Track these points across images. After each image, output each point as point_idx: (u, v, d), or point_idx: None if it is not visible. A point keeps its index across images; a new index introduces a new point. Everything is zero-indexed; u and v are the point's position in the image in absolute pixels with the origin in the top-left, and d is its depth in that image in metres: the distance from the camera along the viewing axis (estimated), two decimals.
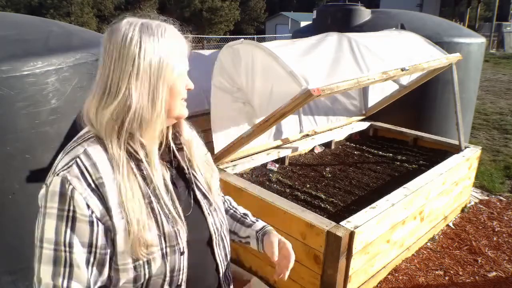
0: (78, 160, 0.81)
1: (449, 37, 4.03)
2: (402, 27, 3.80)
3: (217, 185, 1.08)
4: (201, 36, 25.51)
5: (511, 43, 18.81)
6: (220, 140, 2.71)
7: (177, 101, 0.90)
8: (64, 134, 1.75)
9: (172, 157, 0.97)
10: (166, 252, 0.87)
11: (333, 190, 2.85)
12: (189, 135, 1.02)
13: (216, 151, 2.70)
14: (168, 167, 0.96)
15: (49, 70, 1.71)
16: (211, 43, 26.59)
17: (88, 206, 0.79)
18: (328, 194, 2.77)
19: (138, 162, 0.86)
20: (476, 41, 4.20)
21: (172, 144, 0.97)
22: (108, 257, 0.83)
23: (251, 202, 2.49)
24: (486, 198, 3.85)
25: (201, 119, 3.66)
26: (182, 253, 0.90)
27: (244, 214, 1.27)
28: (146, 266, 0.85)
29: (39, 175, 1.74)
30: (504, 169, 4.59)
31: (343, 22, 4.35)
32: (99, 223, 0.81)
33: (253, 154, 3.12)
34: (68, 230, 0.79)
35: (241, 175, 2.89)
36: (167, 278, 0.88)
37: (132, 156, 0.86)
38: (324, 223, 2.12)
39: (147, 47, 0.82)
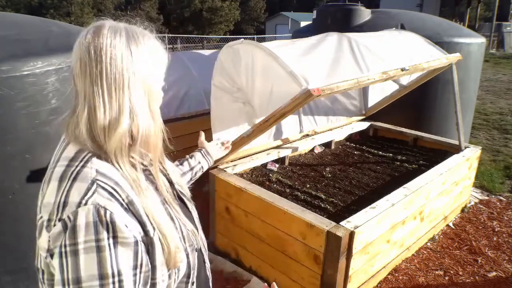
0: (99, 182, 0.74)
1: (449, 37, 4.03)
2: (402, 27, 3.80)
3: (184, 181, 1.12)
4: (201, 36, 25.54)
5: (511, 43, 18.81)
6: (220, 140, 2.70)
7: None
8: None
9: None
10: (188, 252, 0.89)
11: (333, 190, 2.85)
12: None
13: None
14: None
15: (49, 70, 1.71)
16: (211, 43, 26.61)
17: (126, 227, 0.74)
18: (328, 194, 2.77)
19: (145, 174, 0.85)
20: (476, 41, 4.20)
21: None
22: (149, 274, 0.79)
23: (251, 202, 2.49)
24: (486, 198, 3.85)
25: (201, 119, 3.66)
26: (197, 250, 0.94)
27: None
28: (176, 271, 0.85)
29: (39, 175, 1.73)
30: (504, 169, 4.59)
31: (343, 22, 4.35)
32: (139, 242, 0.76)
33: (253, 154, 3.12)
34: (114, 259, 0.71)
35: (241, 175, 2.89)
36: (191, 278, 0.91)
37: (139, 168, 0.84)
38: (324, 223, 2.12)
39: (137, 56, 0.79)
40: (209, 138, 2.69)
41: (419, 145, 3.75)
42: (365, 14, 4.43)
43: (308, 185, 2.90)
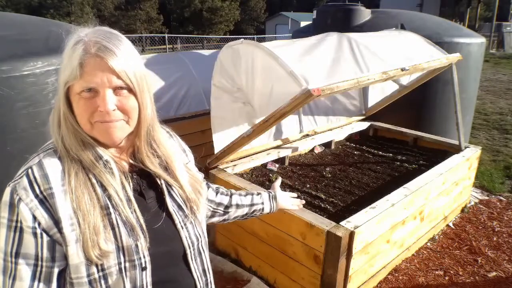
0: (29, 170, 0.81)
1: (449, 37, 4.03)
2: (402, 27, 3.80)
3: (200, 196, 1.00)
4: (201, 36, 25.54)
5: (511, 43, 18.80)
6: (220, 140, 2.71)
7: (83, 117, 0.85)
8: None
9: (140, 167, 0.93)
10: (124, 267, 0.82)
11: (333, 190, 2.85)
12: (167, 144, 0.97)
13: (216, 151, 2.70)
14: (134, 177, 0.91)
15: (49, 70, 1.71)
16: (211, 43, 26.62)
17: (35, 218, 0.78)
18: (328, 194, 2.77)
19: (95, 172, 0.84)
20: (476, 41, 4.20)
21: (144, 154, 0.92)
22: (55, 271, 0.80)
23: None
24: (486, 198, 3.85)
25: (201, 119, 3.67)
26: (143, 268, 0.85)
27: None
28: (102, 281, 0.81)
29: None
30: (504, 169, 4.59)
31: (343, 22, 4.35)
32: (44, 235, 0.78)
33: (253, 154, 3.12)
34: (16, 241, 0.78)
35: (241, 175, 2.89)
36: None
37: (90, 166, 0.84)
38: (324, 223, 2.12)
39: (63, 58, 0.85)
40: (209, 138, 2.70)
41: (419, 145, 3.75)
42: (365, 14, 4.43)
43: (308, 185, 2.90)
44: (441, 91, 4.04)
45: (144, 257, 0.85)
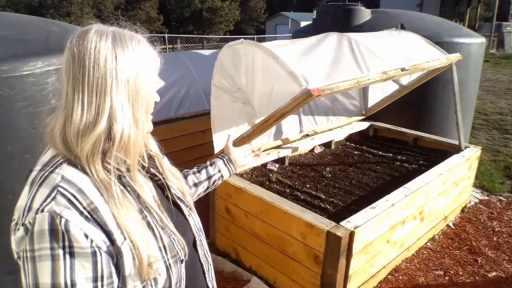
0: (60, 188, 0.72)
1: (449, 37, 4.03)
2: (402, 27, 3.80)
3: (187, 187, 1.05)
4: (201, 36, 25.54)
5: (511, 43, 18.80)
6: (220, 140, 2.71)
7: (149, 116, 0.87)
8: None
9: (147, 167, 0.94)
10: (169, 264, 0.83)
11: (333, 190, 2.85)
12: (155, 145, 1.00)
13: (216, 151, 2.70)
14: (148, 177, 0.93)
15: (49, 70, 1.71)
16: (211, 43, 26.61)
17: (87, 236, 0.71)
18: (328, 194, 2.77)
19: (121, 179, 0.81)
20: (476, 41, 4.20)
21: (144, 155, 0.93)
22: (115, 285, 0.76)
23: (251, 202, 2.49)
24: (486, 198, 3.85)
25: (201, 119, 3.67)
26: (182, 261, 0.88)
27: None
28: (153, 283, 0.80)
29: None
30: (504, 169, 4.59)
31: (343, 22, 4.35)
32: (101, 252, 0.73)
33: None
34: (68, 269, 0.69)
35: (241, 175, 2.89)
36: None
37: (114, 173, 0.80)
38: (324, 223, 2.12)
39: (123, 60, 0.77)
40: (209, 138, 2.70)
41: (419, 145, 3.75)
42: (365, 14, 4.43)
43: (308, 185, 2.90)
44: (441, 91, 4.04)
45: (180, 250, 0.86)
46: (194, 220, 1.00)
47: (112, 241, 0.74)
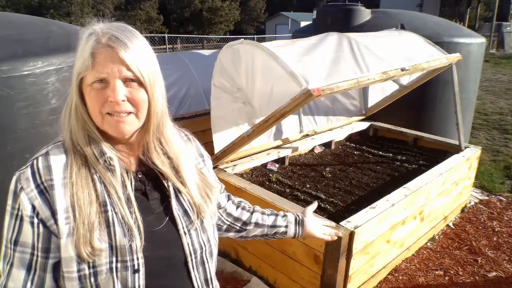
0: (35, 161, 0.83)
1: (449, 37, 4.03)
2: (402, 27, 3.80)
3: (209, 202, 0.96)
4: (201, 36, 25.54)
5: (511, 43, 18.80)
6: (220, 140, 2.71)
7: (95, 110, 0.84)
8: None
9: (148, 167, 0.91)
10: (116, 267, 0.81)
11: (333, 190, 2.85)
12: (176, 142, 0.95)
13: (216, 151, 2.70)
14: (139, 176, 0.90)
15: (49, 70, 1.71)
16: (211, 43, 26.61)
17: (34, 207, 0.79)
18: (328, 194, 2.77)
19: (98, 168, 0.84)
20: (476, 41, 4.20)
21: (152, 148, 0.90)
22: (49, 262, 0.81)
23: (251, 202, 2.47)
24: (486, 198, 3.85)
25: (201, 119, 3.66)
26: (136, 271, 0.82)
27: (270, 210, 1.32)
28: (92, 279, 0.79)
29: None
30: (504, 169, 4.59)
31: (343, 22, 4.35)
32: (41, 225, 0.80)
33: (253, 154, 3.12)
34: (16, 229, 0.80)
35: (241, 175, 2.89)
36: None
37: (94, 161, 0.84)
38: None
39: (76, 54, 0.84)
40: (209, 138, 2.70)
41: (419, 145, 3.75)
42: (365, 14, 4.43)
43: (308, 185, 2.90)
44: (441, 91, 4.04)
45: (137, 259, 0.82)
46: (192, 239, 0.91)
47: (55, 220, 0.79)
